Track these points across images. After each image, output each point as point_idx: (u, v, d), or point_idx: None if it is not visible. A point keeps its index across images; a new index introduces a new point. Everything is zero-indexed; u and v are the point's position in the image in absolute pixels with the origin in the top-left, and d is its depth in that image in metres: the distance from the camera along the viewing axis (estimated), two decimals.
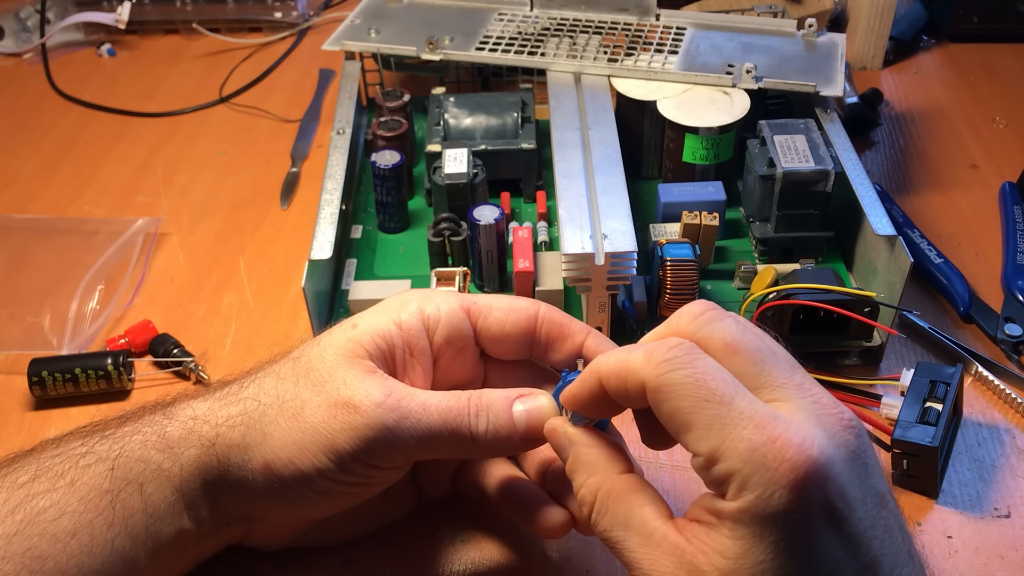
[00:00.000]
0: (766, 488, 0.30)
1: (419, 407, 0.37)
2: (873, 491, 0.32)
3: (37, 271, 0.62)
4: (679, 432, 0.32)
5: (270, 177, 0.73)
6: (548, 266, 0.56)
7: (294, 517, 0.42)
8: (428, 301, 0.41)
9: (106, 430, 0.40)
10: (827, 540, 0.30)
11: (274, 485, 0.38)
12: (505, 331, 0.41)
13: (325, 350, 0.39)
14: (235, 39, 0.91)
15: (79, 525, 0.36)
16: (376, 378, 0.38)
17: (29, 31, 0.93)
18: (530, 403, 0.39)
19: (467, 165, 0.59)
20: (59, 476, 0.37)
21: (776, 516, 0.30)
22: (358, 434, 0.37)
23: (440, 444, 0.38)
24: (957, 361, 0.53)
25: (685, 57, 0.66)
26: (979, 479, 0.48)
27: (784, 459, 0.30)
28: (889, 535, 0.32)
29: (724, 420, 0.31)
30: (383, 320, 0.40)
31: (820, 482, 0.30)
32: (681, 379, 0.32)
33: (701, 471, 0.32)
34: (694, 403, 0.31)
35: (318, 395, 0.38)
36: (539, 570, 0.44)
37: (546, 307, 0.41)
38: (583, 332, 0.41)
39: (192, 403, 0.40)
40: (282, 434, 0.38)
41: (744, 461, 0.30)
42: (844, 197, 0.57)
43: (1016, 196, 0.66)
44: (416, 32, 0.70)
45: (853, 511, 0.31)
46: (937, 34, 0.88)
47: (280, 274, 0.63)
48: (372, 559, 0.45)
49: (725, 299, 0.57)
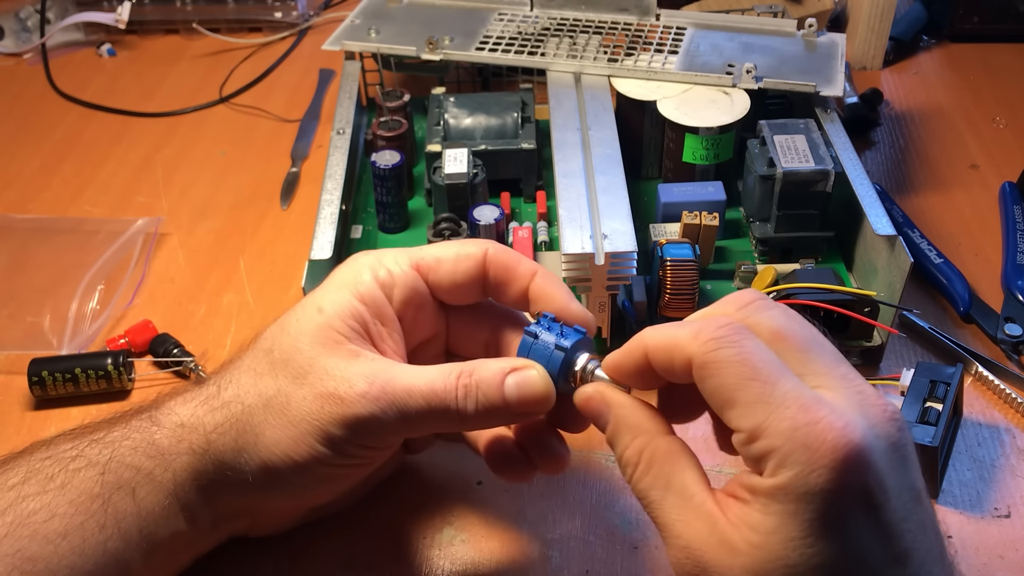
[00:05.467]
0: (805, 467, 0.30)
1: (403, 392, 0.37)
2: (910, 485, 0.32)
3: (37, 271, 0.62)
4: (723, 408, 0.32)
5: (270, 177, 0.73)
6: (548, 266, 0.56)
7: (294, 506, 0.42)
8: (379, 266, 0.40)
9: (95, 433, 0.39)
10: (860, 525, 0.31)
11: (273, 481, 0.38)
12: (456, 281, 0.41)
13: (297, 340, 0.38)
14: (235, 39, 0.91)
15: (70, 527, 0.36)
16: (358, 363, 0.38)
17: (29, 31, 0.93)
18: (521, 376, 0.37)
19: (467, 165, 0.59)
20: (49, 479, 0.37)
21: (812, 496, 0.30)
22: (347, 423, 0.37)
23: (429, 424, 0.38)
24: (957, 361, 0.53)
25: (685, 57, 0.66)
26: (979, 479, 0.48)
27: (826, 441, 0.30)
28: (923, 531, 0.32)
29: (768, 399, 0.31)
30: (345, 298, 0.39)
31: (859, 467, 0.30)
32: (728, 357, 0.32)
33: (741, 447, 0.32)
34: (739, 381, 0.31)
35: (302, 387, 0.37)
36: (539, 570, 0.44)
37: (494, 248, 0.41)
38: (528, 275, 0.40)
39: (176, 408, 0.40)
40: (274, 432, 0.38)
41: (785, 439, 0.30)
42: (844, 197, 0.57)
43: (1016, 196, 0.66)
44: (416, 32, 0.70)
45: (888, 500, 0.31)
46: (937, 34, 0.88)
47: (280, 274, 0.63)
48: (372, 559, 0.45)
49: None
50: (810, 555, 0.30)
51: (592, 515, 0.46)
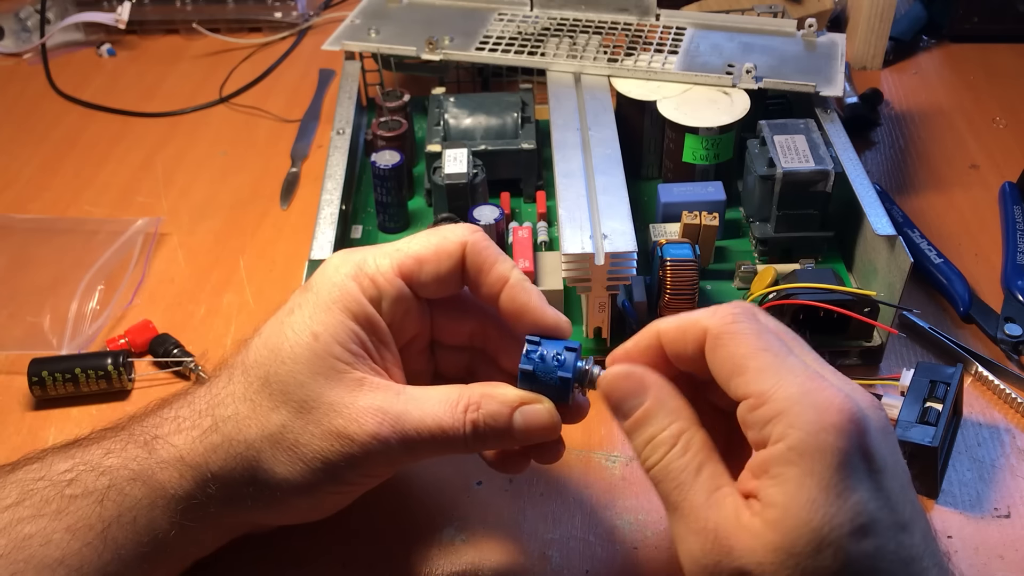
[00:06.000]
0: (815, 426, 0.32)
1: (412, 431, 0.37)
2: (903, 468, 0.34)
3: (37, 271, 0.62)
4: (732, 376, 0.34)
5: (270, 177, 0.73)
6: (548, 266, 0.56)
7: (302, 519, 0.42)
8: (362, 275, 0.39)
9: (88, 453, 0.38)
10: (866, 487, 0.32)
11: (277, 506, 0.39)
12: (440, 279, 0.40)
13: (295, 371, 0.37)
14: (235, 39, 0.91)
15: (67, 553, 0.36)
16: (364, 394, 0.37)
17: (29, 31, 0.93)
18: (530, 411, 0.38)
19: (467, 165, 0.59)
20: (45, 502, 0.37)
21: (823, 453, 0.32)
22: (356, 460, 0.37)
23: (434, 453, 0.39)
24: (957, 361, 0.53)
25: (685, 57, 0.66)
26: (979, 479, 0.48)
27: (832, 403, 0.32)
28: (918, 510, 0.34)
29: (778, 367, 0.33)
30: (338, 319, 0.38)
31: (862, 430, 0.32)
32: (743, 329, 0.35)
33: (748, 413, 0.33)
34: (751, 350, 0.34)
35: (308, 423, 0.37)
36: (539, 570, 0.44)
37: (472, 243, 0.40)
38: (499, 282, 0.40)
39: (173, 439, 0.39)
40: (283, 469, 0.38)
41: (794, 402, 0.32)
42: (844, 197, 0.57)
43: (1016, 196, 0.66)
44: (416, 32, 0.70)
45: (886, 468, 0.33)
46: (937, 34, 0.88)
47: (280, 274, 0.63)
48: (372, 559, 0.45)
49: (725, 299, 0.56)
50: (832, 514, 0.31)
51: (592, 515, 0.46)
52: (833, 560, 0.31)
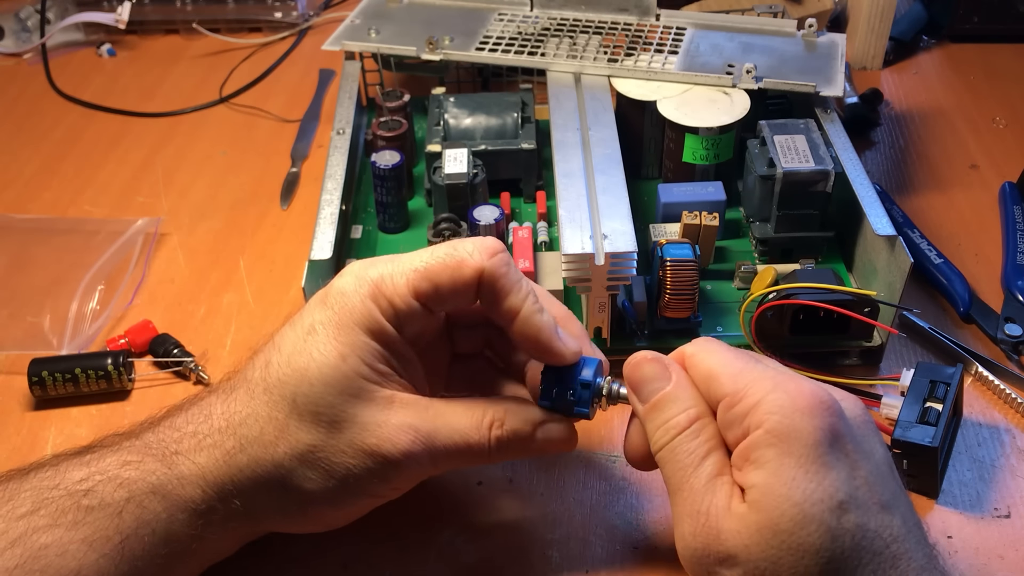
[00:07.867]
0: (789, 410, 0.35)
1: (442, 446, 0.39)
2: (881, 452, 0.36)
3: (37, 271, 0.62)
4: (708, 382, 0.38)
5: (270, 177, 0.73)
6: (548, 266, 0.56)
7: (325, 528, 0.42)
8: (381, 298, 0.39)
9: (103, 463, 0.38)
10: (844, 465, 0.35)
11: (308, 519, 0.40)
12: (456, 304, 0.41)
13: (325, 392, 0.38)
14: (235, 39, 0.91)
15: (84, 564, 0.36)
16: (395, 412, 0.38)
17: (29, 31, 0.93)
18: (552, 428, 0.41)
19: (467, 165, 0.59)
20: (61, 512, 0.36)
21: (798, 434, 0.34)
22: (388, 476, 0.39)
23: (460, 466, 0.43)
24: (957, 361, 0.53)
25: (685, 57, 0.66)
26: (979, 479, 0.48)
27: (803, 392, 0.35)
28: (897, 494, 0.36)
29: (750, 370, 0.37)
30: (362, 339, 0.38)
31: (834, 413, 0.35)
32: (714, 347, 0.39)
33: (726, 412, 0.37)
34: (725, 359, 0.38)
35: (339, 441, 0.38)
36: (539, 570, 0.44)
37: (488, 271, 0.39)
38: (512, 312, 0.40)
39: (194, 458, 0.38)
40: (314, 486, 0.38)
41: (768, 391, 0.35)
42: (844, 197, 0.57)
43: (1016, 196, 0.66)
44: (416, 32, 0.70)
45: (861, 450, 0.35)
46: (937, 34, 0.88)
47: (280, 274, 0.63)
48: (372, 559, 0.45)
49: (725, 299, 0.57)
50: (812, 490, 0.33)
51: (592, 515, 0.46)
52: (817, 536, 0.33)
